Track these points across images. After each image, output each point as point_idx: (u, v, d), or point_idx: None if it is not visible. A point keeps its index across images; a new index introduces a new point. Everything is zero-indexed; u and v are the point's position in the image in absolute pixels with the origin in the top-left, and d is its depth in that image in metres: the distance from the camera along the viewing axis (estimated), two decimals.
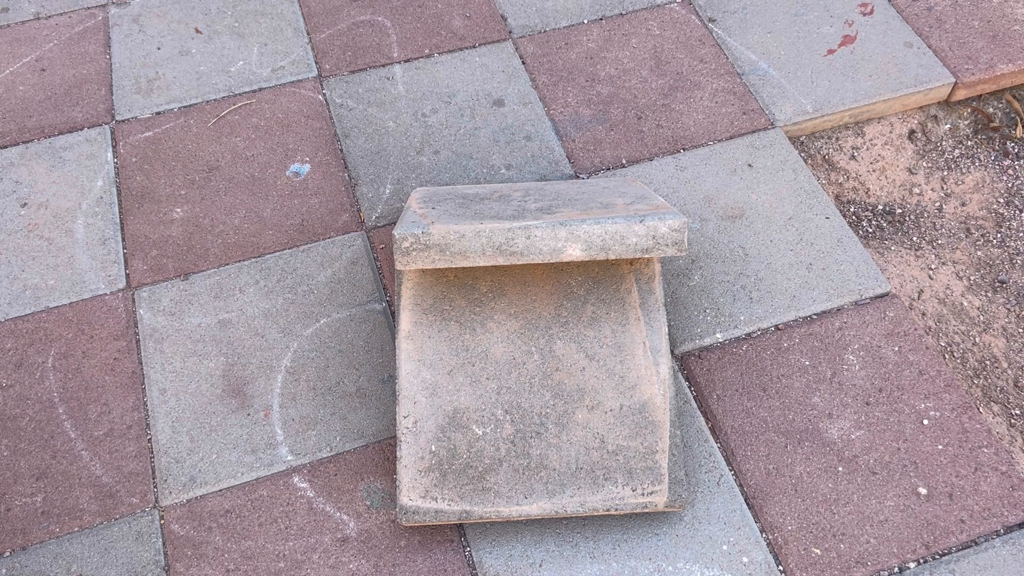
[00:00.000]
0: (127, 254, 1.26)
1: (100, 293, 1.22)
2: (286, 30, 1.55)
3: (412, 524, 0.98)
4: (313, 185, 1.34)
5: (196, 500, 1.05)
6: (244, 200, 1.32)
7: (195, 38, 1.54)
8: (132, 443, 1.09)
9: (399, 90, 1.46)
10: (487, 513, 0.97)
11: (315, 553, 1.01)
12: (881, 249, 1.36)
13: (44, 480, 1.06)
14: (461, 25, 1.56)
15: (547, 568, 0.99)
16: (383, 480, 1.06)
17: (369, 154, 1.38)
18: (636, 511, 0.99)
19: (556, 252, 0.97)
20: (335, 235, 1.28)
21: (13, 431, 1.10)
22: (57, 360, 1.16)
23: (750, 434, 1.09)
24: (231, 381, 1.14)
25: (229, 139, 1.40)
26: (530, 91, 1.46)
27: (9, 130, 1.41)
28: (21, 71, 1.49)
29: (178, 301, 1.21)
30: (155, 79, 1.48)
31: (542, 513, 0.97)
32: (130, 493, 1.05)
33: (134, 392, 1.13)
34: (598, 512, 0.98)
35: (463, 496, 0.97)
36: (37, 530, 1.03)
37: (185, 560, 1.00)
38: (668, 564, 1.00)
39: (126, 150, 1.38)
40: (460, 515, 0.97)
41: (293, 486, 1.06)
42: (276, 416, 1.11)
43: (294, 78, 1.48)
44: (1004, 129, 1.50)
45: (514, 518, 0.98)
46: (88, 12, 1.58)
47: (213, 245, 1.27)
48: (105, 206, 1.32)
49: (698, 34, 1.53)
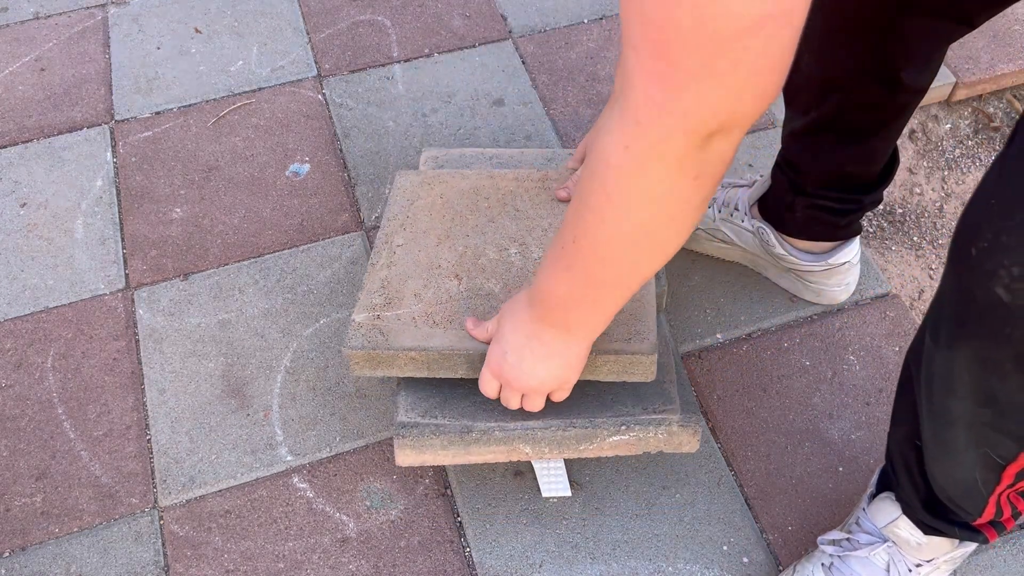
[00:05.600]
0: (126, 254, 1.26)
1: (99, 293, 1.22)
2: (286, 30, 1.55)
3: (406, 447, 0.94)
4: (313, 185, 1.34)
5: (195, 500, 1.05)
6: (243, 200, 1.32)
7: (195, 38, 1.54)
8: (131, 443, 1.09)
9: (399, 90, 1.46)
10: (489, 427, 0.93)
11: (315, 553, 1.01)
12: (882, 249, 1.36)
13: (43, 480, 1.06)
14: (461, 25, 1.56)
15: (547, 568, 0.99)
16: (383, 480, 1.06)
17: (369, 154, 1.38)
18: (649, 431, 0.93)
19: None
20: (335, 235, 1.28)
21: (12, 431, 1.10)
22: (56, 360, 1.16)
23: (750, 434, 1.09)
24: (230, 381, 1.14)
25: (228, 139, 1.40)
26: (530, 91, 1.46)
27: (8, 130, 1.41)
28: (20, 71, 1.49)
29: (177, 301, 1.21)
30: (155, 79, 1.48)
31: (548, 427, 0.92)
32: (129, 493, 1.05)
33: (133, 392, 1.13)
34: (606, 430, 0.93)
35: (464, 414, 0.95)
36: (36, 530, 1.03)
37: (184, 560, 1.00)
38: (668, 564, 1.00)
39: (125, 150, 1.38)
40: (461, 429, 0.93)
41: (293, 486, 1.05)
42: (276, 416, 1.11)
43: (294, 78, 1.48)
44: (1005, 129, 1.50)
45: (517, 434, 0.93)
46: (87, 12, 1.58)
47: (212, 245, 1.27)
48: (104, 206, 1.31)
49: None
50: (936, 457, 0.78)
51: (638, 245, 0.63)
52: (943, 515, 0.84)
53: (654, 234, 0.61)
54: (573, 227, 0.65)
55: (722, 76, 0.49)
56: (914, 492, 0.85)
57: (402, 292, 0.96)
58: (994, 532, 0.84)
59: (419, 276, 0.98)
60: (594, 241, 0.64)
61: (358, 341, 0.92)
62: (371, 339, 0.92)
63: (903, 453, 0.84)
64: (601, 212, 0.61)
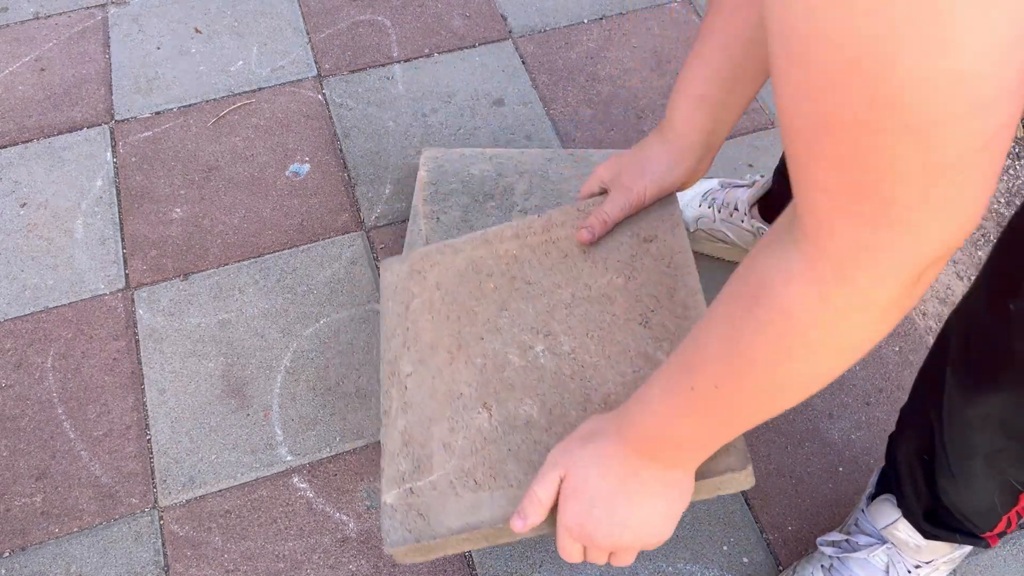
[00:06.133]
0: (126, 254, 1.26)
1: (99, 293, 1.22)
2: (285, 30, 1.55)
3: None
4: (313, 185, 1.34)
5: (195, 500, 1.05)
6: (243, 200, 1.32)
7: (195, 38, 1.54)
8: (131, 443, 1.09)
9: (399, 90, 1.46)
10: None
11: (315, 553, 1.01)
12: None
13: (43, 480, 1.06)
14: (461, 25, 1.56)
15: (546, 568, 0.99)
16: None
17: (369, 154, 1.38)
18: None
19: None
20: (335, 235, 1.28)
21: (12, 431, 1.10)
22: (56, 360, 1.16)
23: (750, 435, 1.09)
24: (230, 381, 1.14)
25: (228, 139, 1.40)
26: (530, 91, 1.46)
27: (8, 130, 1.41)
28: (20, 71, 1.49)
29: (177, 301, 1.21)
30: (154, 79, 1.48)
31: None
32: (129, 493, 1.05)
33: (133, 392, 1.13)
34: None
35: None
36: (36, 530, 1.03)
37: (184, 560, 1.00)
38: (668, 565, 1.00)
39: (125, 150, 1.38)
40: None
41: (293, 486, 1.05)
42: (276, 416, 1.11)
43: (294, 78, 1.48)
44: None
45: None
46: (87, 12, 1.58)
47: (212, 245, 1.27)
48: (104, 206, 1.31)
49: None
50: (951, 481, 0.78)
51: (809, 388, 0.53)
52: (946, 524, 0.84)
53: (831, 375, 0.52)
54: (715, 374, 0.54)
55: (946, 203, 0.40)
56: (917, 502, 0.84)
57: (428, 446, 0.81)
58: (996, 538, 0.84)
59: (442, 416, 0.82)
60: (752, 391, 0.54)
61: (398, 535, 0.76)
62: (412, 526, 0.77)
63: (909, 465, 0.84)
64: (772, 366, 0.51)
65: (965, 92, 0.35)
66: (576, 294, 0.86)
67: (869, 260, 0.43)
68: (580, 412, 0.79)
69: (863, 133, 0.37)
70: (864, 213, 0.41)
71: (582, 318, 0.84)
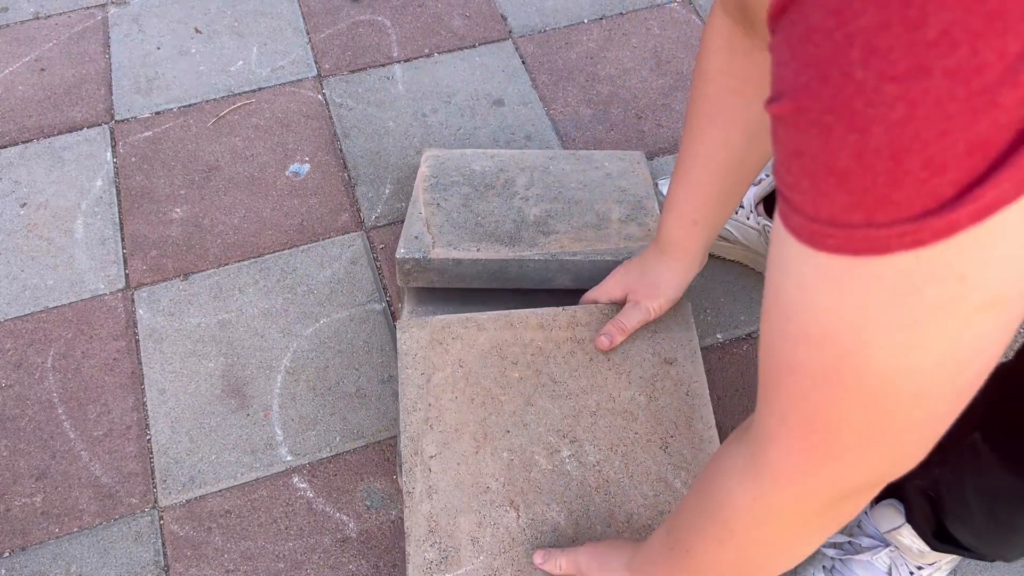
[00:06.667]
0: (126, 254, 1.26)
1: (99, 293, 1.22)
2: (286, 30, 1.55)
3: None
4: (313, 185, 1.34)
5: (195, 500, 1.05)
6: (244, 200, 1.32)
7: (195, 38, 1.54)
8: (131, 443, 1.09)
9: (399, 90, 1.46)
10: None
11: (315, 553, 1.00)
12: None
13: (43, 480, 1.06)
14: (461, 25, 1.56)
15: None
16: (383, 480, 1.05)
17: (369, 154, 1.38)
18: None
19: (547, 282, 1.01)
20: (335, 235, 1.28)
21: (12, 431, 1.10)
22: (56, 360, 1.16)
23: None
24: (231, 381, 1.14)
25: (228, 139, 1.40)
26: (530, 91, 1.46)
27: (8, 130, 1.41)
28: (20, 71, 1.49)
29: (177, 301, 1.21)
30: (154, 79, 1.48)
31: None
32: (129, 493, 1.05)
33: (133, 392, 1.13)
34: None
35: None
36: (36, 530, 1.03)
37: (184, 560, 1.00)
38: None
39: (125, 150, 1.38)
40: None
41: (293, 486, 1.05)
42: (276, 416, 1.11)
43: (294, 78, 1.48)
44: None
45: None
46: (87, 12, 1.58)
47: (212, 245, 1.27)
48: (104, 206, 1.31)
49: (699, 34, 1.52)
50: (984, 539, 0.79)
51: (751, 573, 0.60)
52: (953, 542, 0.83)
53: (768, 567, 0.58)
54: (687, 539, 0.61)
55: (888, 451, 0.43)
56: (927, 525, 0.84)
57: (456, 537, 0.83)
58: None
59: (469, 508, 0.84)
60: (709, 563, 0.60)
61: None
62: None
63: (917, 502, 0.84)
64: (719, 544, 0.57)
65: (921, 387, 0.38)
66: (601, 404, 0.89)
67: (802, 479, 0.47)
68: (604, 528, 0.84)
69: (824, 387, 0.41)
70: (809, 445, 0.45)
71: (607, 430, 0.88)
